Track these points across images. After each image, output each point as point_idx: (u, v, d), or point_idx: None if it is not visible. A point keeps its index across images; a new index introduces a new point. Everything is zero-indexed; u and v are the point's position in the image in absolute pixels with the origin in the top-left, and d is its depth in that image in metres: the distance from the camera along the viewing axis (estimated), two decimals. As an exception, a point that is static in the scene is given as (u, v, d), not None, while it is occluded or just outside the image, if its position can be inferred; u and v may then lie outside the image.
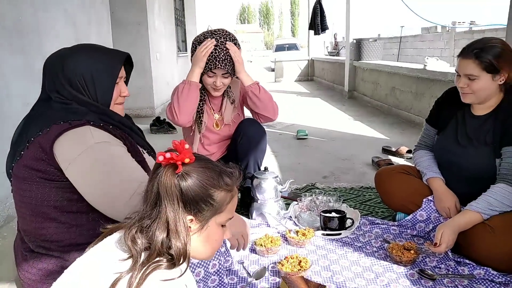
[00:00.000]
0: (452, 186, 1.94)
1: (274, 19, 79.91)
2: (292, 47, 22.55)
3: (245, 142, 2.20)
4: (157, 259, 0.89)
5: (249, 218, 2.16)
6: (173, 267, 0.91)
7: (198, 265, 1.53)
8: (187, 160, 0.93)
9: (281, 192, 2.19)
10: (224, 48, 2.08)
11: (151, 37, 6.22)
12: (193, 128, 2.25)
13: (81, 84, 1.36)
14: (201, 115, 2.23)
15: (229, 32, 2.16)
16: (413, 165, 2.15)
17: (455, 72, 1.86)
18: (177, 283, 0.90)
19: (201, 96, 2.20)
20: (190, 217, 0.95)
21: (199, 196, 0.94)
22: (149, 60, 6.05)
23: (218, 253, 1.60)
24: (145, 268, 0.87)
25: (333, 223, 1.99)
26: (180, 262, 0.92)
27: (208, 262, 1.56)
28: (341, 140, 4.24)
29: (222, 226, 1.03)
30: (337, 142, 4.18)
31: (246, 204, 2.28)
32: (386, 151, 3.62)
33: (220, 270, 1.59)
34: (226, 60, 2.08)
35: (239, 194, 2.46)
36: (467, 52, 1.78)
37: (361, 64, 7.12)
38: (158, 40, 6.80)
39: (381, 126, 4.95)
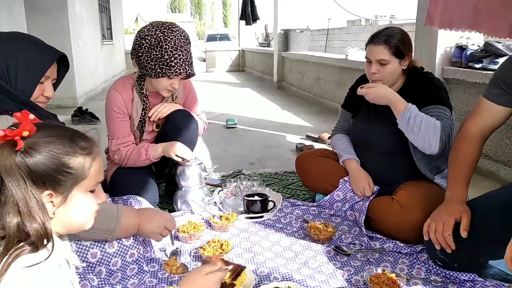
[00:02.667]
0: (367, 166, 2.06)
1: (206, 9, 78.97)
2: (224, 37, 22.46)
3: (173, 133, 2.16)
4: (19, 245, 0.83)
5: (174, 206, 2.14)
6: (37, 250, 0.84)
7: (115, 255, 1.50)
8: (25, 133, 0.84)
9: (205, 179, 2.19)
10: (188, 49, 1.97)
11: (72, 23, 5.90)
12: (134, 135, 2.16)
13: (3, 70, 1.28)
14: (143, 124, 2.14)
15: (182, 29, 2.02)
16: (331, 149, 2.26)
17: (367, 58, 1.97)
18: (47, 265, 0.84)
19: (143, 105, 2.10)
20: (48, 192, 0.88)
21: (52, 168, 0.87)
22: (70, 48, 5.73)
23: (137, 243, 1.58)
24: (6, 257, 0.81)
25: (255, 207, 2.04)
26: (44, 243, 0.85)
27: (126, 252, 1.53)
28: (269, 128, 4.33)
29: (92, 191, 0.97)
30: (265, 130, 4.27)
31: (171, 192, 2.26)
32: (309, 137, 3.76)
33: (139, 259, 1.57)
34: (190, 63, 1.99)
35: (164, 183, 2.45)
36: (377, 39, 1.90)
37: (289, 54, 7.28)
38: (80, 27, 6.46)
39: (306, 114, 5.12)
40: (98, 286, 1.33)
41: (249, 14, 9.66)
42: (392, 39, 1.87)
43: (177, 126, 2.14)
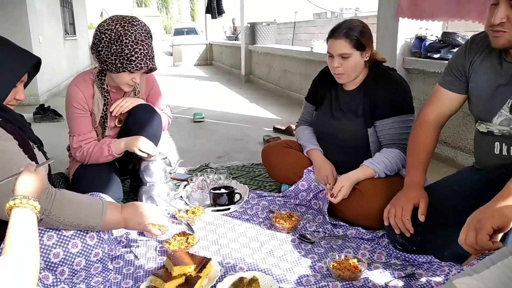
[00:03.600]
0: (330, 156, 2.10)
1: (173, 2, 77.81)
2: (191, 31, 22.19)
3: (136, 128, 2.13)
4: None
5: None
6: None
7: (79, 254, 1.48)
8: None
9: (170, 173, 2.18)
10: (149, 43, 1.94)
11: (32, 18, 5.69)
12: (96, 131, 2.12)
13: None
14: (105, 120, 2.10)
15: (143, 23, 1.98)
16: (296, 140, 2.29)
17: (328, 53, 1.97)
18: None
19: (105, 100, 2.07)
20: None
21: None
22: (30, 44, 5.54)
23: (101, 241, 1.56)
24: None
25: (222, 199, 2.04)
26: None
27: (90, 251, 1.51)
28: (237, 122, 4.33)
29: None
30: (233, 123, 4.27)
31: (136, 188, 2.23)
32: (277, 130, 3.79)
33: (104, 258, 1.55)
34: (152, 57, 1.96)
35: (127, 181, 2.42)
36: (338, 33, 1.91)
37: (256, 48, 7.29)
38: (40, 22, 6.25)
39: (274, 107, 5.15)
40: (52, 285, 1.30)
41: (214, 7, 9.56)
42: (353, 32, 1.89)
43: (139, 121, 2.12)
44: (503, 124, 1.48)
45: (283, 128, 3.75)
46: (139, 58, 1.91)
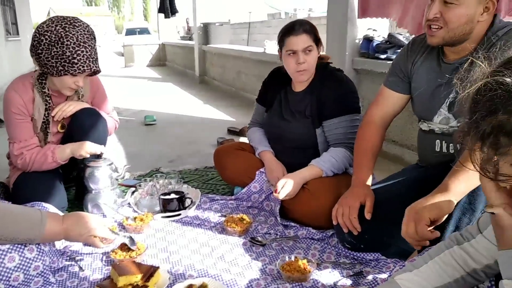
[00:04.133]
0: (281, 157, 2.10)
1: (125, 2, 75.94)
2: (144, 31, 21.77)
3: (80, 133, 2.04)
4: None
5: (84, 211, 2.03)
6: None
7: (16, 269, 1.39)
8: None
9: (117, 180, 2.11)
10: (92, 45, 1.87)
11: (-32, 17, 5.36)
12: (38, 137, 2.00)
13: None
14: (47, 125, 2.00)
15: (86, 24, 1.90)
16: (248, 142, 2.28)
17: (289, 51, 1.93)
18: None
19: (46, 105, 1.97)
20: None
21: None
22: (-33, 45, 5.22)
23: (41, 254, 1.47)
24: None
25: (172, 205, 2.00)
26: None
27: (29, 265, 1.43)
28: (190, 124, 4.28)
29: None
30: (186, 126, 4.20)
31: (81, 196, 2.14)
32: (231, 131, 3.77)
33: (45, 271, 1.47)
34: (95, 59, 1.88)
35: (73, 188, 2.31)
36: (296, 30, 1.92)
37: (210, 48, 7.23)
38: (-22, 21, 5.90)
39: (228, 108, 5.13)
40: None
41: (167, 7, 9.43)
42: (309, 27, 1.93)
43: (83, 126, 2.03)
44: (442, 123, 1.54)
45: (238, 129, 3.73)
46: (82, 61, 1.83)
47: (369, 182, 1.66)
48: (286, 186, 1.83)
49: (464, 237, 1.07)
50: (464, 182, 1.23)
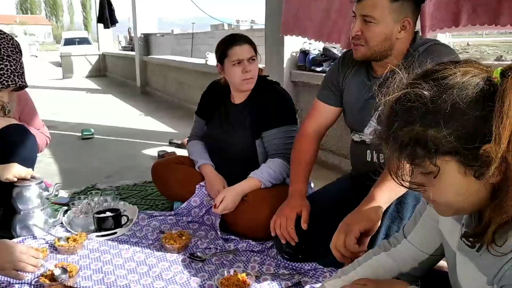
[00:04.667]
0: (221, 170, 2.10)
1: (63, 10, 73.06)
2: (84, 41, 20.99)
3: (7, 151, 1.91)
4: None
5: (13, 234, 1.91)
6: None
7: None
8: None
9: (48, 199, 2.00)
10: (17, 59, 1.77)
11: None
12: None
13: None
14: None
15: (10, 36, 1.81)
16: (188, 155, 2.25)
17: (235, 61, 1.95)
18: None
19: None
20: None
21: None
22: None
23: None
24: None
25: (107, 223, 1.93)
26: None
27: None
28: (130, 137, 4.17)
29: None
30: (126, 139, 4.09)
31: (8, 217, 2.00)
32: (172, 144, 3.71)
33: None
34: (21, 73, 1.78)
35: (1, 209, 2.16)
36: (240, 41, 1.97)
37: (151, 59, 7.12)
38: None
39: (170, 120, 5.06)
40: None
41: (107, 17, 9.19)
42: (249, 39, 2.00)
43: (10, 143, 1.91)
44: (372, 134, 1.61)
45: (179, 142, 3.68)
46: (6, 75, 1.74)
47: (306, 192, 1.70)
48: (225, 200, 1.83)
49: (391, 243, 1.12)
50: (387, 191, 1.29)
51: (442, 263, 1.11)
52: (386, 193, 1.29)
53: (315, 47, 3.16)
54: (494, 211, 0.70)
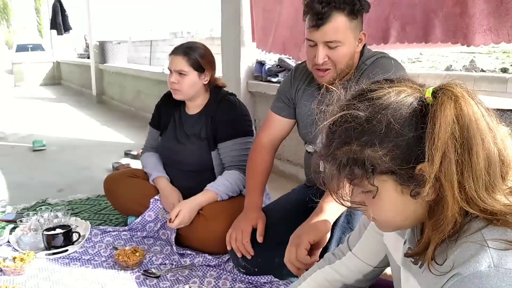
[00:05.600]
0: (176, 182, 2.07)
1: (15, 15, 70.27)
2: (37, 47, 20.20)
3: None
4: None
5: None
6: None
7: None
8: None
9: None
10: None
11: None
12: None
13: None
14: None
15: None
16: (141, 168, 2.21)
17: (169, 69, 1.96)
18: None
19: None
20: None
21: None
22: None
23: None
24: None
25: (57, 240, 1.85)
26: None
27: None
28: (84, 148, 4.04)
29: None
30: (80, 150, 3.96)
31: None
32: (128, 155, 3.63)
33: None
34: None
35: None
36: (178, 51, 1.94)
37: (107, 67, 6.96)
38: None
39: (127, 130, 4.95)
40: None
41: (60, 23, 8.90)
42: (192, 52, 1.93)
43: None
44: None
45: (135, 153, 3.60)
46: None
47: (261, 204, 1.70)
48: (180, 214, 1.81)
49: (336, 256, 1.13)
50: (335, 203, 1.32)
51: (388, 271, 1.13)
52: (334, 205, 1.32)
53: (271, 58, 3.19)
54: (432, 230, 0.71)
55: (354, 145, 0.72)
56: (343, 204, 0.79)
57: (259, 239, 1.57)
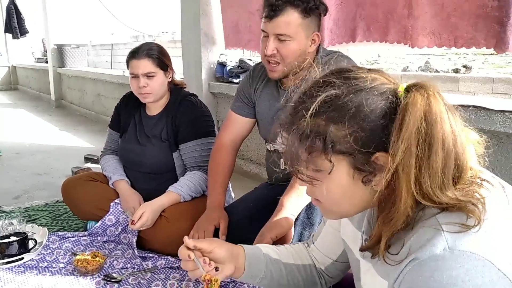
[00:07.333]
0: (137, 185, 2.04)
1: (-35, 18, 67.08)
2: (-9, 51, 19.45)
3: None
4: None
5: None
6: None
7: None
8: None
9: None
10: None
11: None
12: None
13: None
14: None
15: None
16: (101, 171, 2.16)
17: (131, 74, 1.93)
18: None
19: None
20: None
21: None
22: None
23: None
24: None
25: (12, 249, 1.78)
26: None
27: None
28: (42, 154, 3.91)
29: None
30: (37, 156, 3.83)
31: None
32: (88, 159, 3.54)
33: None
34: None
35: None
36: (139, 54, 1.89)
37: (66, 71, 6.77)
38: None
39: (87, 134, 4.84)
40: None
41: (15, 26, 8.59)
42: (153, 52, 1.91)
43: None
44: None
45: (96, 157, 3.52)
46: None
47: (223, 203, 1.70)
48: (144, 216, 1.78)
49: (305, 245, 1.15)
50: (295, 198, 1.34)
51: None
52: (294, 200, 1.34)
53: (232, 59, 3.20)
54: (384, 224, 0.72)
55: (321, 118, 0.71)
56: (296, 176, 0.77)
57: (222, 238, 1.57)
